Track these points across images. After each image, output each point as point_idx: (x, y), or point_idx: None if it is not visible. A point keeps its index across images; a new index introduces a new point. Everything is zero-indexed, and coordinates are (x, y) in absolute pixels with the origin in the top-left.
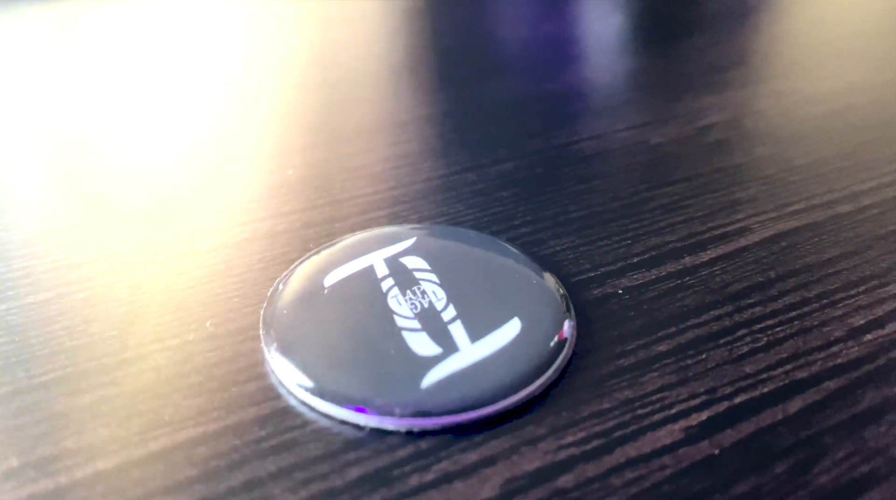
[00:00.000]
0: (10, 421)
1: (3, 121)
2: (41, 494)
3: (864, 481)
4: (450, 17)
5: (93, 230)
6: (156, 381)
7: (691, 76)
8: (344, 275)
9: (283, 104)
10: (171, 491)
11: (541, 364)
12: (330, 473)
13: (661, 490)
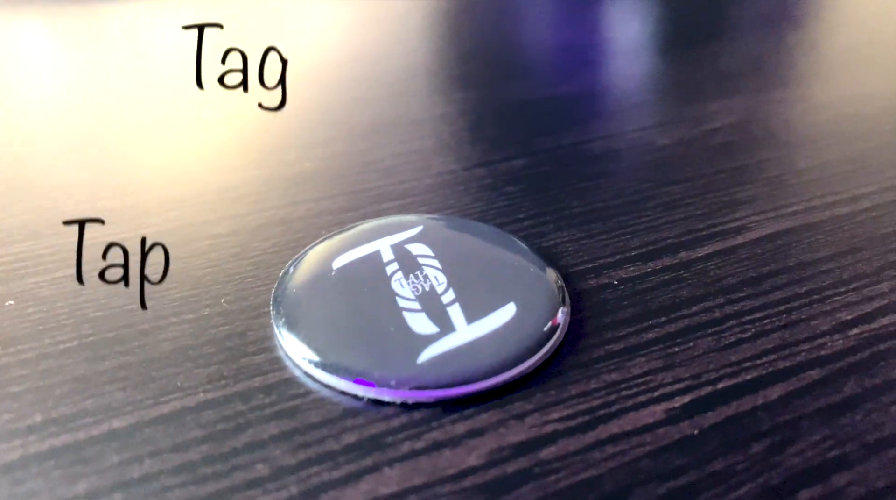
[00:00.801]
0: (35, 382)
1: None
2: (61, 447)
3: (835, 463)
4: (474, 20)
5: (120, 214)
6: (171, 350)
7: (703, 81)
8: (351, 259)
9: (308, 101)
10: (179, 449)
11: (532, 346)
12: (327, 438)
13: (639, 465)
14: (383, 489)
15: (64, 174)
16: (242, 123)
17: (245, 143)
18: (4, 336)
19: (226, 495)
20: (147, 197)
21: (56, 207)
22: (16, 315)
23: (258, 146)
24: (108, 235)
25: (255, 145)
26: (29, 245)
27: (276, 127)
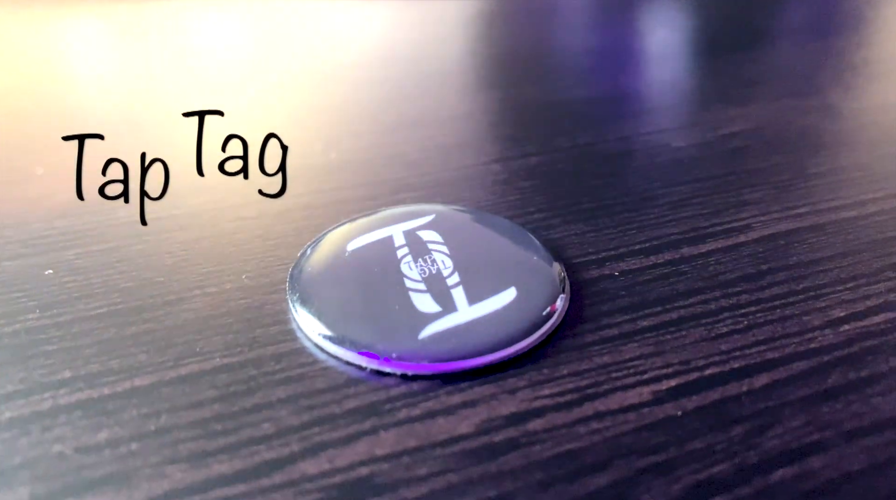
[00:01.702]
0: (67, 343)
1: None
2: (86, 400)
3: (812, 448)
4: (506, 24)
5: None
6: (192, 319)
7: (725, 88)
8: (365, 242)
9: (340, 97)
10: (193, 407)
11: (528, 328)
12: (330, 402)
13: (621, 441)
14: (378, 450)
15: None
16: (275, 115)
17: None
18: (43, 301)
19: (233, 449)
20: (179, 181)
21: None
22: (54, 283)
23: (287, 137)
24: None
25: (285, 136)
26: (70, 221)
27: (306, 120)
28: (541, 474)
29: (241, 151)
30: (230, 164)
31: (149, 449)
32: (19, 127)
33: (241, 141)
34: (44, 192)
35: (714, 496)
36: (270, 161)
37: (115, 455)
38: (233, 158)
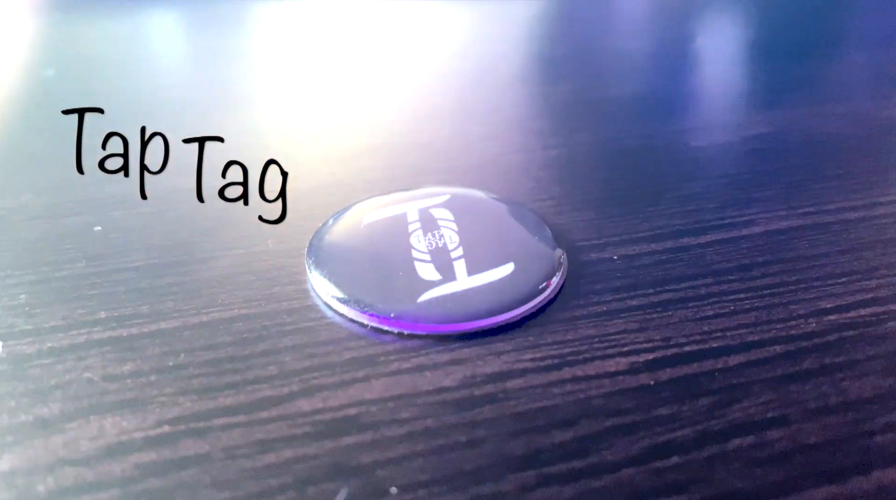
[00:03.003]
0: (106, 289)
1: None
2: (116, 337)
3: (773, 422)
4: (561, 25)
5: (211, 169)
6: (218, 276)
7: (756, 93)
8: (380, 217)
9: (380, 89)
10: (209, 349)
11: (520, 299)
12: (331, 353)
13: (592, 402)
14: (367, 395)
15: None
16: (309, 103)
17: (309, 117)
18: (89, 253)
19: (239, 385)
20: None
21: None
22: (101, 238)
23: (321, 121)
24: (188, 183)
25: (319, 121)
26: (120, 187)
27: (342, 106)
28: (512, 425)
29: (241, 177)
30: (229, 189)
31: (165, 381)
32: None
33: (242, 168)
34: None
35: (671, 457)
36: (269, 184)
37: (136, 384)
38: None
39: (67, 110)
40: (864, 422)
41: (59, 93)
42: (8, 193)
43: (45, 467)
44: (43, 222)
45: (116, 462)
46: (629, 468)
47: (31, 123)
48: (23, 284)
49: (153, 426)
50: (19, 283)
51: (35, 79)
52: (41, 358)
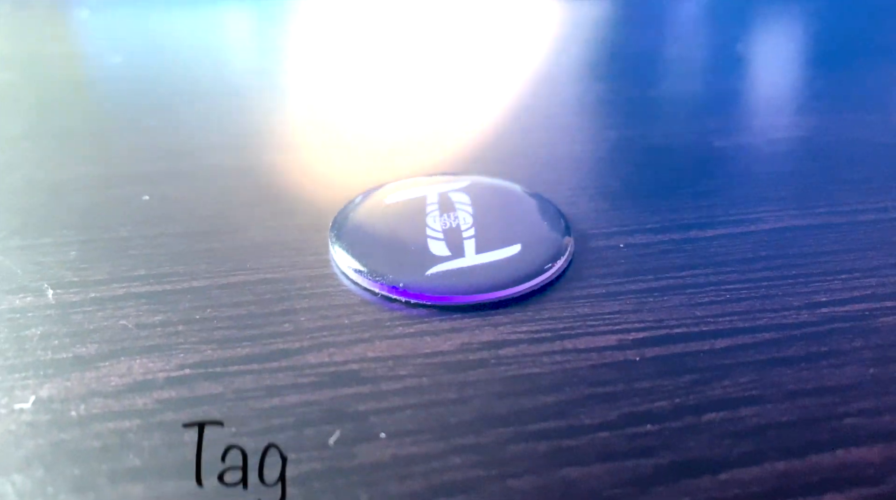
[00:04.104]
0: (148, 250)
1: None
2: (152, 292)
3: (749, 400)
4: (617, 28)
5: (255, 150)
6: (249, 244)
7: (789, 98)
8: (402, 198)
9: (432, 84)
10: (233, 306)
11: (522, 278)
12: (342, 315)
13: (577, 372)
14: (370, 353)
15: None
16: (356, 94)
17: (353, 108)
18: (136, 220)
19: (255, 339)
20: (271, 142)
21: (183, 140)
22: (148, 207)
23: (365, 111)
24: (226, 164)
25: (363, 110)
26: (169, 164)
27: (385, 96)
28: (499, 387)
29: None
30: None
31: (190, 332)
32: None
33: (241, 452)
34: (152, 140)
35: (645, 424)
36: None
37: (164, 333)
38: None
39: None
40: (837, 406)
41: (124, 77)
42: (68, 165)
43: (78, 396)
44: (96, 192)
45: (140, 397)
46: (604, 432)
47: (94, 103)
48: (74, 243)
49: (175, 368)
50: (72, 242)
51: (103, 64)
52: (84, 306)
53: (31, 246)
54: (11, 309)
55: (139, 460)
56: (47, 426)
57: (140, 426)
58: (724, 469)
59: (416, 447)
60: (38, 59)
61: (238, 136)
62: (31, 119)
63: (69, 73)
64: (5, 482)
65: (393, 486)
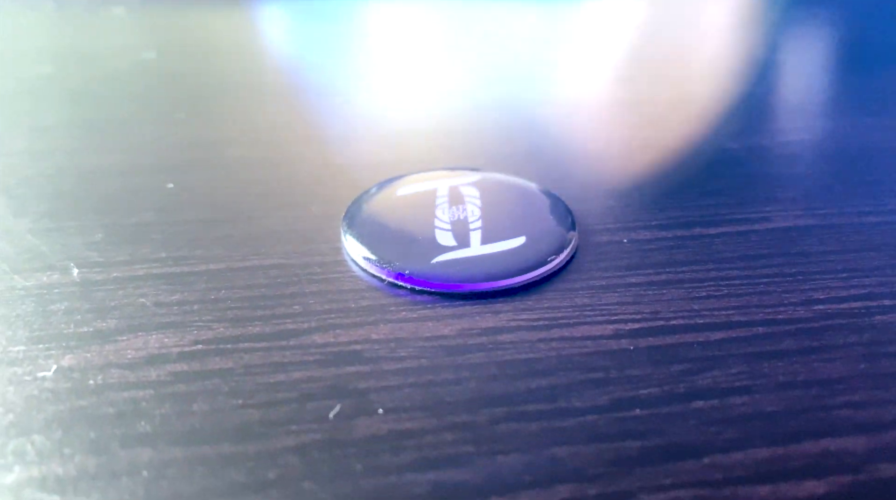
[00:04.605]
0: (168, 235)
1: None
2: (170, 273)
3: (738, 390)
4: (643, 31)
5: (275, 144)
6: (264, 231)
7: (806, 101)
8: (414, 190)
9: (454, 81)
10: (246, 288)
11: (524, 268)
12: (349, 299)
13: (571, 359)
14: (374, 335)
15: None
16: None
17: (379, 104)
18: (159, 206)
19: (266, 319)
20: (302, 133)
21: (208, 133)
22: (171, 194)
23: (389, 107)
24: (260, 154)
25: (388, 107)
26: (194, 154)
27: (406, 92)
28: (494, 370)
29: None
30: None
31: (205, 310)
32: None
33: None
34: (179, 132)
35: (634, 409)
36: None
37: (180, 311)
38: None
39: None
40: (825, 398)
41: (156, 72)
42: (97, 154)
43: (96, 367)
44: (123, 179)
45: (154, 369)
46: (593, 415)
47: (125, 96)
48: (100, 226)
49: (188, 344)
50: (98, 225)
51: (136, 60)
52: (106, 284)
53: (60, 228)
54: (39, 286)
55: (150, 426)
56: (67, 392)
57: (153, 396)
58: (707, 454)
59: (411, 423)
60: (75, 55)
61: (260, 130)
62: (65, 110)
63: (103, 68)
64: (26, 441)
65: (386, 458)
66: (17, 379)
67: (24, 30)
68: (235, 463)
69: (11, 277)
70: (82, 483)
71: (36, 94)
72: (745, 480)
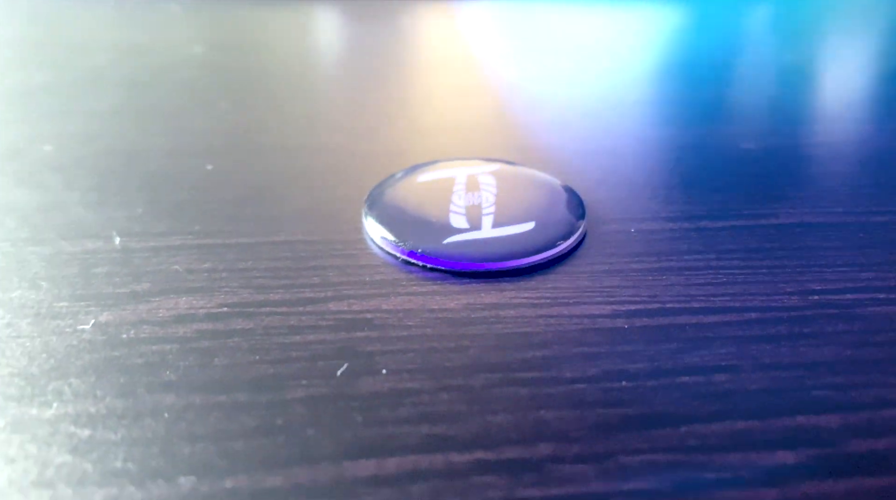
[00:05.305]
0: (203, 211)
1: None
2: (203, 244)
3: (723, 368)
4: (674, 36)
5: (310, 132)
6: (291, 210)
7: (831, 106)
8: (433, 177)
9: (485, 80)
10: (272, 260)
11: (530, 251)
12: (365, 273)
13: (567, 333)
14: (384, 305)
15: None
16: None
17: (412, 99)
18: (195, 186)
19: (287, 287)
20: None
21: (248, 120)
22: (210, 174)
23: (423, 101)
24: (300, 140)
25: (421, 101)
26: (233, 140)
27: (443, 89)
28: (493, 341)
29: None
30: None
31: (233, 278)
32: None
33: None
34: (221, 119)
35: (621, 381)
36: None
37: (209, 278)
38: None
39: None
40: (807, 379)
41: (203, 65)
42: (144, 137)
43: (130, 323)
44: (166, 161)
45: (182, 327)
46: (581, 384)
47: (173, 86)
48: (142, 201)
49: (215, 306)
50: (140, 200)
51: (186, 54)
52: (144, 252)
53: (106, 202)
54: (84, 251)
55: (174, 375)
56: (102, 344)
57: (178, 350)
58: (686, 424)
59: (411, 383)
60: (129, 47)
61: (297, 118)
62: (117, 97)
63: (155, 60)
64: (64, 383)
65: (385, 412)
66: (59, 330)
67: (85, 24)
68: (248, 410)
69: (60, 243)
70: (110, 421)
71: (92, 82)
72: (719, 448)
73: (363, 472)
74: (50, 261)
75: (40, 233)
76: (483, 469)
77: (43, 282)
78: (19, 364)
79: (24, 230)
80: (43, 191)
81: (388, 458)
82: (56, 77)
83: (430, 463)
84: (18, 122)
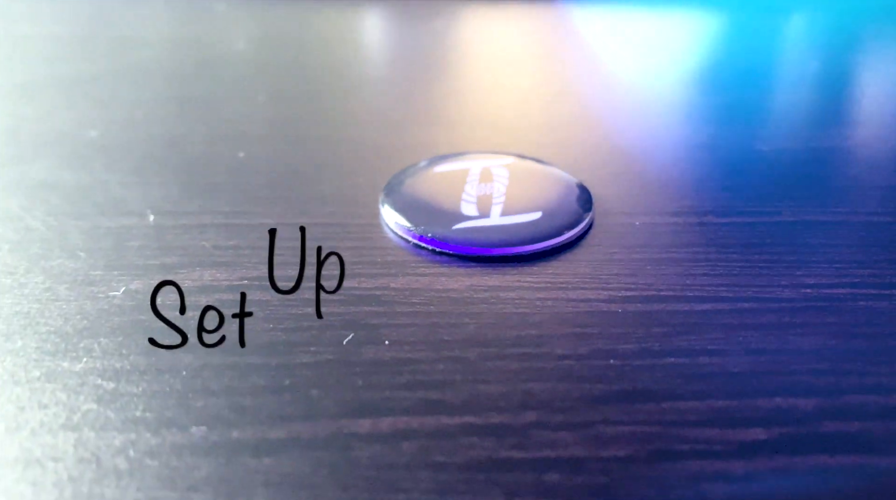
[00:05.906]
0: (232, 194)
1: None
2: (230, 224)
3: (709, 352)
4: (699, 41)
5: (339, 124)
6: (312, 196)
7: (849, 112)
8: (449, 169)
9: (510, 80)
10: (291, 239)
11: (535, 239)
12: (376, 255)
13: (562, 315)
14: (392, 284)
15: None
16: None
17: (446, 97)
18: (230, 170)
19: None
20: (367, 119)
21: (282, 112)
22: (240, 161)
23: (452, 100)
24: (326, 132)
25: (451, 99)
26: (266, 130)
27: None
28: (492, 319)
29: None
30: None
31: (255, 254)
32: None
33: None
34: (257, 110)
35: (609, 360)
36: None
37: (235, 254)
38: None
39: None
40: (790, 364)
41: (244, 60)
42: (183, 124)
43: None
44: (203, 147)
45: (204, 295)
46: (570, 360)
47: (214, 78)
48: (177, 183)
49: (236, 279)
50: (175, 182)
51: (228, 49)
52: (175, 229)
53: (144, 182)
54: (119, 226)
55: (193, 337)
56: (130, 309)
57: (199, 316)
58: (667, 400)
59: (410, 354)
60: (174, 41)
61: (328, 111)
62: (160, 87)
63: (198, 54)
64: (94, 341)
65: (385, 378)
66: (93, 295)
67: (134, 21)
68: (259, 371)
69: (98, 218)
70: (133, 376)
71: (139, 73)
72: (697, 423)
73: (359, 429)
74: (88, 234)
75: (81, 209)
76: (470, 432)
77: (81, 253)
78: (55, 324)
79: (67, 206)
80: (86, 172)
81: (383, 418)
82: (104, 69)
83: (422, 424)
84: (67, 108)
